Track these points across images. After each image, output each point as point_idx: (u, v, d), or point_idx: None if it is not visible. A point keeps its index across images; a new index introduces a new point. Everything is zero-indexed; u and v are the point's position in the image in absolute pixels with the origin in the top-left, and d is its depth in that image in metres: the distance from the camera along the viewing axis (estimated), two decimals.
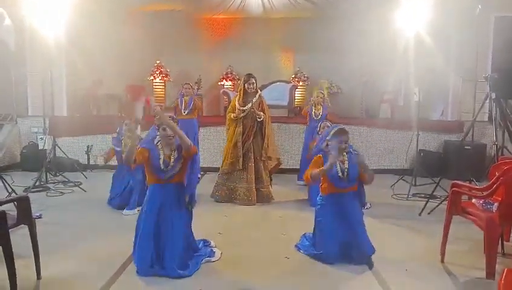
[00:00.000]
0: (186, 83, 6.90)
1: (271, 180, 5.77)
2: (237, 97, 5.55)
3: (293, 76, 9.85)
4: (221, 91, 9.48)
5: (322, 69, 9.69)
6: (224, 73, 9.95)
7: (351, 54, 8.84)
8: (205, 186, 5.86)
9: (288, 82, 9.58)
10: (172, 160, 3.38)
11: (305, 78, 9.76)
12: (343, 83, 9.71)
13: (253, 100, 5.44)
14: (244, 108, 5.41)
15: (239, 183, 5.44)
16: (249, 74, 5.54)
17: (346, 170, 3.59)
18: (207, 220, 4.79)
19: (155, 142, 3.45)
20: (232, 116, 5.50)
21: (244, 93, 5.48)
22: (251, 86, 5.44)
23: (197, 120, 6.89)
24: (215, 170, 5.77)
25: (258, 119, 5.42)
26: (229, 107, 5.71)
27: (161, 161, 3.37)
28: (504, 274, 2.22)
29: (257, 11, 9.72)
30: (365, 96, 9.50)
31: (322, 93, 6.87)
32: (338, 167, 3.59)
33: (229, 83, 9.86)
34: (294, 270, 3.45)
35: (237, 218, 4.92)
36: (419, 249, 3.99)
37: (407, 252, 3.90)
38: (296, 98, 9.60)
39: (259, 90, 5.60)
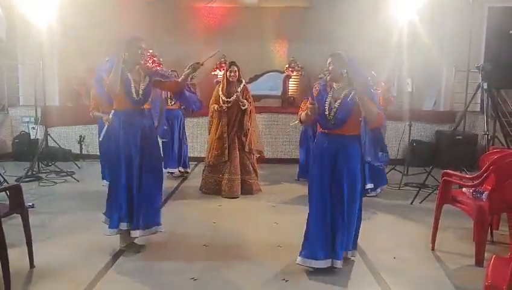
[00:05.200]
0: (172, 70, 6.42)
1: (256, 172, 5.63)
2: (221, 87, 5.44)
3: (287, 66, 9.82)
4: (215, 81, 9.42)
5: (315, 59, 9.66)
6: (218, 63, 9.90)
7: (345, 43, 8.81)
8: (196, 178, 5.86)
9: (282, 72, 9.55)
10: (142, 88, 3.46)
11: (299, 68, 9.74)
12: None
13: (238, 90, 5.31)
14: (229, 99, 5.30)
15: (224, 175, 5.36)
16: (231, 62, 5.45)
17: (335, 109, 3.09)
18: (199, 210, 4.81)
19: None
20: (215, 108, 5.38)
21: (228, 82, 5.36)
22: (232, 74, 5.31)
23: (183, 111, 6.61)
24: (204, 159, 5.74)
25: (242, 108, 5.31)
26: (212, 97, 5.54)
27: (133, 89, 3.42)
28: (492, 261, 2.26)
29: (251, 0, 9.66)
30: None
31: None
32: (327, 104, 3.13)
33: (223, 72, 9.80)
34: (286, 258, 3.47)
35: (229, 208, 4.94)
36: (411, 237, 4.04)
37: (399, 240, 3.95)
38: (289, 88, 9.58)
39: (243, 80, 5.49)
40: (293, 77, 9.63)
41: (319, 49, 9.44)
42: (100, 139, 5.07)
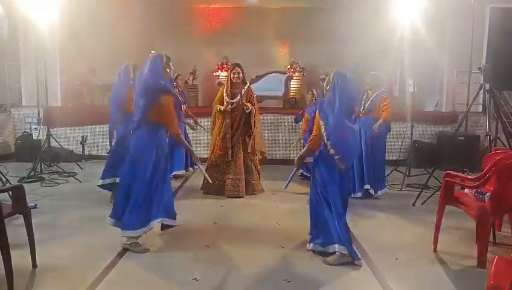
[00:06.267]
0: (178, 74, 6.58)
1: (259, 173, 5.68)
2: (225, 88, 5.46)
3: (289, 66, 9.83)
4: (216, 82, 9.45)
5: (317, 60, 9.68)
6: (220, 63, 9.91)
7: (346, 44, 8.83)
8: (196, 178, 5.86)
9: (283, 73, 9.57)
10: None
11: (301, 69, 9.75)
12: None
13: (242, 92, 5.35)
14: (233, 101, 5.33)
15: (227, 175, 5.38)
16: (235, 64, 5.47)
17: None
18: (201, 211, 4.81)
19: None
20: (220, 109, 5.40)
21: (232, 84, 5.39)
22: (236, 76, 5.34)
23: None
24: (206, 160, 5.75)
25: (246, 111, 5.33)
26: (216, 98, 5.57)
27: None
28: (494, 262, 2.26)
29: (253, 1, 9.68)
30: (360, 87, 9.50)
31: (313, 92, 6.35)
32: None
33: (224, 73, 9.81)
34: (288, 259, 3.49)
35: (232, 209, 4.94)
36: (413, 238, 4.04)
37: (401, 241, 3.95)
38: (291, 88, 9.59)
39: (247, 82, 5.52)
40: (294, 77, 9.64)
41: (321, 50, 9.49)
42: None
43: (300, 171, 6.19)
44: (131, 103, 3.80)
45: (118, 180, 4.49)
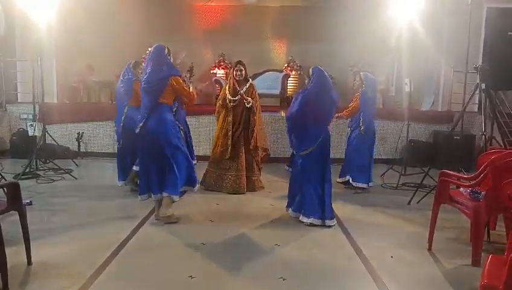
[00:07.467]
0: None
1: (260, 169, 5.73)
2: (228, 85, 5.51)
3: (286, 65, 9.84)
4: (213, 79, 9.45)
5: (314, 59, 9.66)
6: (217, 61, 9.91)
7: (343, 43, 8.85)
8: (197, 173, 5.85)
9: (280, 71, 9.57)
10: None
11: (298, 67, 9.75)
12: (336, 72, 9.69)
13: (244, 89, 5.38)
14: (234, 98, 5.35)
15: (228, 171, 5.41)
16: (238, 61, 5.49)
17: None
18: (198, 208, 4.81)
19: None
20: (221, 102, 5.44)
21: (234, 81, 5.42)
22: (238, 73, 5.38)
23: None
24: (207, 158, 5.77)
25: (247, 105, 5.34)
26: (220, 95, 5.64)
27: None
28: (488, 260, 2.27)
29: None
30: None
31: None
32: None
33: (221, 71, 9.82)
34: (283, 256, 3.50)
35: (228, 206, 4.94)
36: (408, 237, 4.06)
37: (396, 239, 3.96)
38: (288, 87, 9.60)
39: (250, 79, 5.55)
40: (291, 76, 9.65)
41: (318, 48, 9.49)
42: None
43: None
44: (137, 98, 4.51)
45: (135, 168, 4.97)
